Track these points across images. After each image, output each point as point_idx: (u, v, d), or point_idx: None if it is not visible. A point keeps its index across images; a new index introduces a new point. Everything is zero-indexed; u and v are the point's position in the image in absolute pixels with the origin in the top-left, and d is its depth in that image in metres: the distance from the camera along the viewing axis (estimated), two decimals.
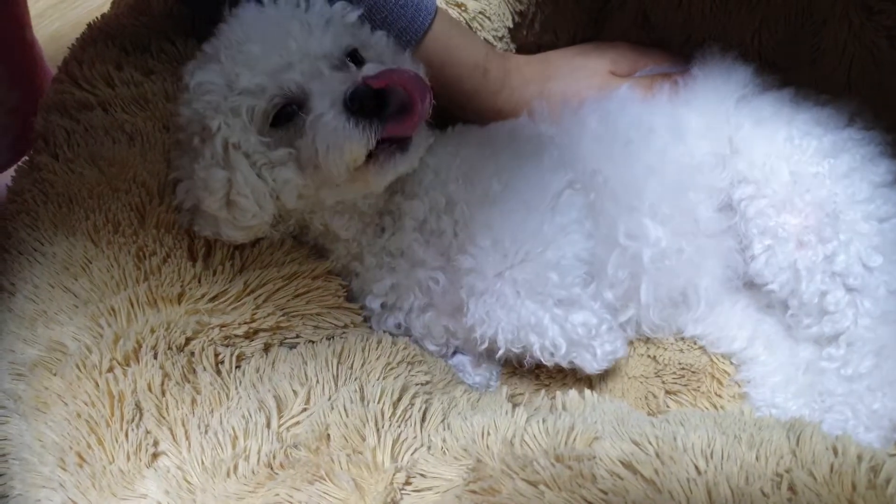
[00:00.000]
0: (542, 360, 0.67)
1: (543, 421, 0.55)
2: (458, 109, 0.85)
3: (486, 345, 0.68)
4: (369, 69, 0.63)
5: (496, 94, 0.84)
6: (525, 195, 0.68)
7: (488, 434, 0.55)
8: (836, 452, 0.49)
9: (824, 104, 0.77)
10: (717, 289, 0.76)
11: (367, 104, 0.61)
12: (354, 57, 0.67)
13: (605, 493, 0.47)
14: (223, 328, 0.64)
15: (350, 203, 0.70)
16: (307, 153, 0.64)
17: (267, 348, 0.67)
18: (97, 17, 0.87)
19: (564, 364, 0.68)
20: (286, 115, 0.65)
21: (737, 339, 0.75)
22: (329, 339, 0.69)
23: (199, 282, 0.66)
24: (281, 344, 0.68)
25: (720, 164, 0.75)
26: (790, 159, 0.72)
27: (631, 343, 0.78)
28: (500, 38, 0.95)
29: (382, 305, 0.73)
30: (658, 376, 0.76)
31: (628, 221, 0.72)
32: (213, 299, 0.66)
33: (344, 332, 0.71)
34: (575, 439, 0.53)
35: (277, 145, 0.65)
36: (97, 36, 0.84)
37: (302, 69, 0.64)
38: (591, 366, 0.68)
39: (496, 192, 0.68)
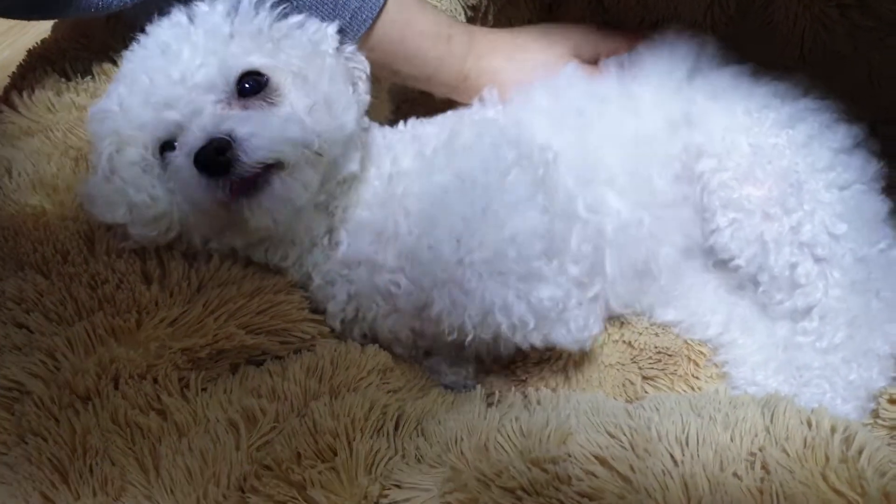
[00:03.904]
0: (516, 340, 0.66)
1: (516, 419, 0.55)
2: (425, 82, 0.83)
3: (454, 335, 0.67)
4: (236, 120, 0.62)
5: (463, 60, 0.82)
6: (471, 180, 0.67)
7: (461, 440, 0.54)
8: (809, 426, 0.49)
9: (781, 78, 0.78)
10: (677, 258, 0.76)
11: (212, 164, 0.60)
12: (256, 79, 0.65)
13: (582, 495, 0.47)
14: (185, 352, 0.63)
15: (277, 237, 0.69)
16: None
17: (234, 367, 0.66)
18: (37, 43, 0.86)
19: (539, 343, 0.66)
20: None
21: (711, 324, 0.76)
22: (297, 353, 0.68)
23: (157, 305, 0.65)
24: (248, 362, 0.67)
25: (673, 134, 0.75)
26: (749, 131, 0.73)
27: (605, 329, 0.78)
28: None
29: (342, 321, 0.73)
30: (634, 362, 0.76)
31: (587, 194, 0.72)
32: (172, 323, 0.64)
33: (312, 345, 0.70)
34: (549, 437, 0.52)
35: (169, 179, 0.66)
36: (36, 62, 0.83)
37: (182, 106, 0.63)
38: (567, 340, 0.67)
39: (443, 183, 0.68)
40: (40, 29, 1.44)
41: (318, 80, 0.67)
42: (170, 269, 0.67)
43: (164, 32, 0.67)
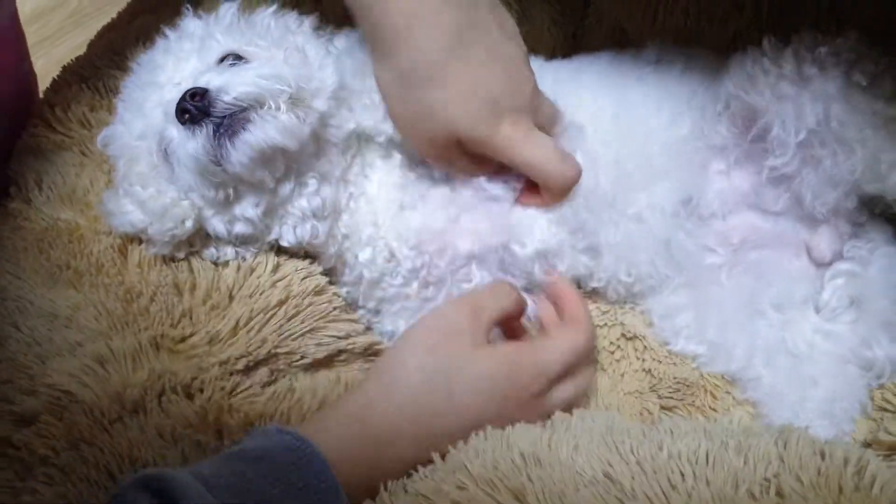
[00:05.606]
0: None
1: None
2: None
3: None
4: (212, 75, 0.66)
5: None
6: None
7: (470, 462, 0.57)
8: (823, 456, 0.52)
9: None
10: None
11: (189, 109, 0.64)
12: (236, 60, 0.70)
13: None
14: (223, 365, 0.67)
15: (296, 211, 0.72)
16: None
17: (273, 374, 0.70)
18: (71, 60, 0.90)
19: None
20: None
21: (733, 356, 0.77)
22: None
23: (191, 319, 0.69)
24: (290, 366, 0.72)
25: None
26: None
27: (625, 357, 0.80)
28: None
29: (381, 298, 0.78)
30: (654, 391, 0.78)
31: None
32: (207, 336, 0.68)
33: (349, 344, 0.75)
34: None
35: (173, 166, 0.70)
36: (71, 79, 0.87)
37: (166, 102, 0.68)
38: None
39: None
40: (71, 44, 1.50)
41: (293, 45, 0.72)
42: (199, 279, 0.71)
43: (153, 52, 0.73)
